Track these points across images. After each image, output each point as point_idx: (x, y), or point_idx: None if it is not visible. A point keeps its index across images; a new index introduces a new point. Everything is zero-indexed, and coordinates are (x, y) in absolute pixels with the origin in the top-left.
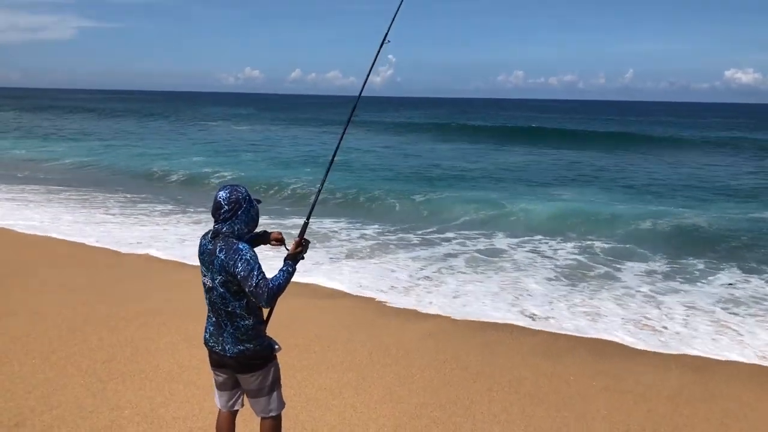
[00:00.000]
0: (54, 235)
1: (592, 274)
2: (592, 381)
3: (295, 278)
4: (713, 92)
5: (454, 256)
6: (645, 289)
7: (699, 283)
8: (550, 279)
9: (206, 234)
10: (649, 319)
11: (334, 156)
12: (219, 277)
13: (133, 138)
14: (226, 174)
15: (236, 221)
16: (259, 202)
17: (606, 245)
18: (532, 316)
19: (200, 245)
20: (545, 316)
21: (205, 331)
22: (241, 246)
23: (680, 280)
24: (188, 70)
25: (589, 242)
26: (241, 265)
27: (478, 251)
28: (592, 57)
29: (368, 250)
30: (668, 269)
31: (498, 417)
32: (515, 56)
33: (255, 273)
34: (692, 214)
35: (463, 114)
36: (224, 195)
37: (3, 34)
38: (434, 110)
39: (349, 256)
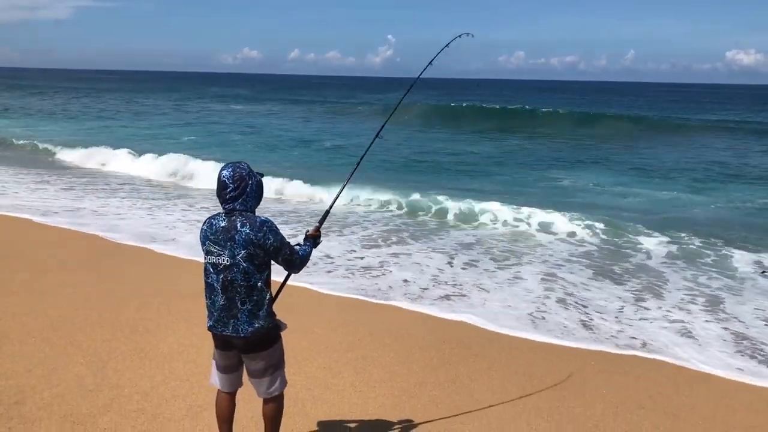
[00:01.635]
0: (49, 221)
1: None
2: (591, 360)
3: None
4: (715, 73)
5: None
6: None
7: None
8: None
9: (215, 216)
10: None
11: (364, 154)
12: (243, 252)
13: (126, 118)
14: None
15: (247, 198)
16: (262, 175)
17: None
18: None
19: (209, 225)
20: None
21: (209, 318)
22: (264, 219)
23: None
24: (186, 50)
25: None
26: (273, 236)
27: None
28: (594, 37)
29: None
30: None
31: (497, 396)
32: (516, 36)
33: (286, 242)
34: None
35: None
36: (228, 174)
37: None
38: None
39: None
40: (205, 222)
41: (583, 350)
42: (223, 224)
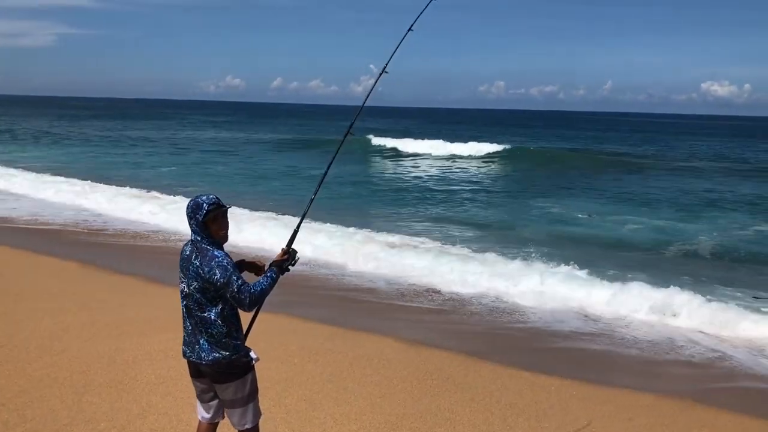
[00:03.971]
0: (28, 245)
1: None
2: (573, 391)
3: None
4: (691, 104)
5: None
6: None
7: None
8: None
9: (187, 242)
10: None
11: (326, 172)
12: (195, 284)
13: (106, 145)
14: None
15: (207, 230)
16: (228, 207)
17: None
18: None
19: (182, 251)
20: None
21: (183, 343)
22: (216, 253)
23: None
24: (169, 78)
25: None
26: (219, 271)
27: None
28: (572, 68)
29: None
30: None
31: (479, 427)
32: (497, 66)
33: (234, 278)
34: None
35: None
36: (192, 205)
37: None
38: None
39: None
40: (184, 244)
41: (566, 381)
42: (187, 253)
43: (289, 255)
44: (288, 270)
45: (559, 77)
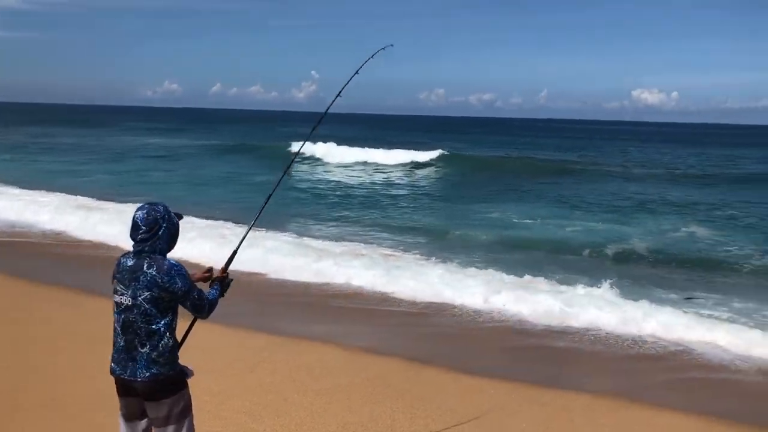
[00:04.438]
0: None
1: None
2: (511, 394)
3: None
4: (623, 110)
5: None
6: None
7: None
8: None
9: (125, 254)
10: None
11: (276, 186)
12: (146, 294)
13: (35, 151)
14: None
15: (157, 241)
16: (180, 217)
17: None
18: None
19: (118, 264)
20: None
21: (111, 360)
22: (173, 262)
23: None
24: (105, 82)
25: None
26: (181, 280)
27: None
28: (510, 77)
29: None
30: None
31: None
32: (436, 75)
33: (195, 287)
34: None
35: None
36: (141, 215)
37: None
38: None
39: None
40: (120, 257)
41: (506, 384)
42: (130, 263)
43: (227, 276)
44: (228, 286)
45: (496, 85)
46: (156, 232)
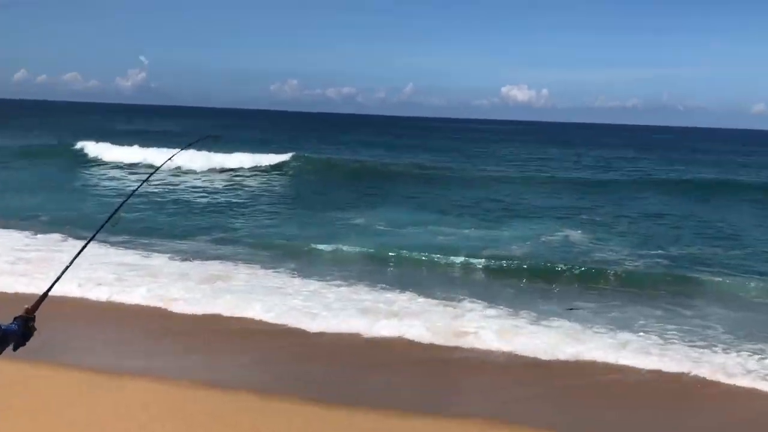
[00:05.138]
0: None
1: None
2: (353, 420)
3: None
4: (492, 108)
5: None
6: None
7: None
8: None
9: None
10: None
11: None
12: None
13: None
14: None
15: None
16: None
17: None
18: None
19: None
20: None
21: None
22: None
23: None
24: None
25: None
26: None
27: None
28: (372, 70)
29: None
30: None
31: None
32: (290, 65)
33: None
34: None
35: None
36: None
37: None
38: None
39: None
40: None
41: (358, 411)
42: None
43: (33, 320)
44: (24, 345)
45: (357, 79)
46: None
